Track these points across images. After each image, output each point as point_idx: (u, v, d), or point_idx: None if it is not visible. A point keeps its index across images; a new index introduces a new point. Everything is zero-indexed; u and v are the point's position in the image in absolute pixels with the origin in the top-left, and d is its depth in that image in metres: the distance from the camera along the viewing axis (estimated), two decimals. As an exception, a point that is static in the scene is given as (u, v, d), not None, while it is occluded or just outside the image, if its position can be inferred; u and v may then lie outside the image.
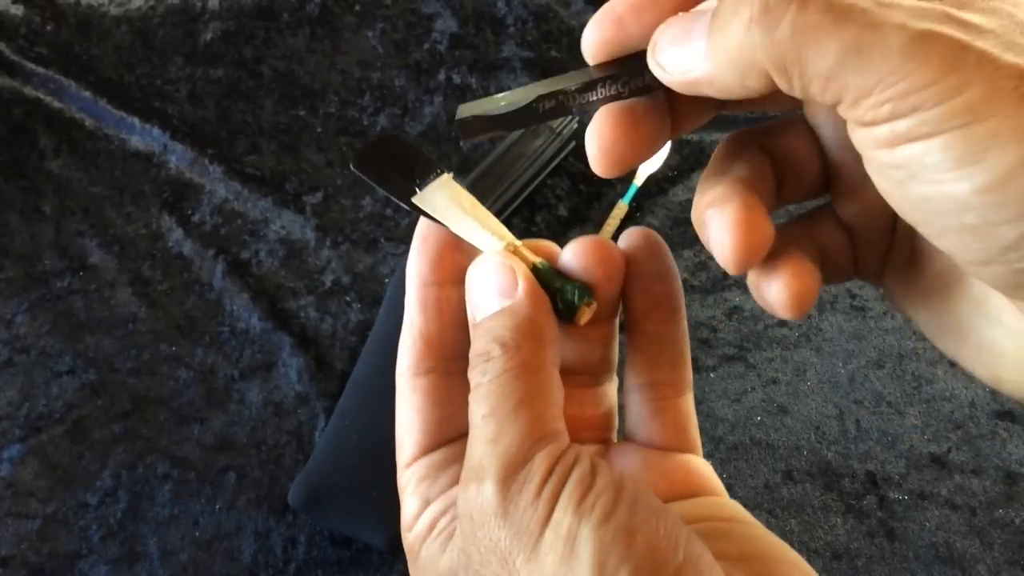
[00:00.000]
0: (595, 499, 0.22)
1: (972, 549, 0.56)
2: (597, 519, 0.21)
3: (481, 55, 0.78)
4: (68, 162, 0.73)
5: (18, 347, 0.64)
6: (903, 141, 0.21)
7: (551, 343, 0.26)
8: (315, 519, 0.57)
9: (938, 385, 0.62)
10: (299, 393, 0.62)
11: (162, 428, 0.61)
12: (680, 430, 0.29)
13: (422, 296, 0.28)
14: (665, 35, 0.24)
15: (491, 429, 0.23)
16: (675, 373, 0.29)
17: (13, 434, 0.61)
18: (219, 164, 0.72)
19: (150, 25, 0.80)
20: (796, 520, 0.58)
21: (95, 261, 0.68)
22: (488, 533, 0.22)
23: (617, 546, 0.21)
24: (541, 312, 0.26)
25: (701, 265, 0.68)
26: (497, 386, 0.24)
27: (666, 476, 0.28)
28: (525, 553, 0.22)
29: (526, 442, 0.23)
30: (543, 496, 0.22)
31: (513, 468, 0.22)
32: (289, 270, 0.68)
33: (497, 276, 0.26)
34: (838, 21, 0.20)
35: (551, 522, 0.21)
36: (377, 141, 0.31)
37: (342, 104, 0.76)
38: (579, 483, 0.22)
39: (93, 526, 0.57)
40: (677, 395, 0.29)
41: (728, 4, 0.21)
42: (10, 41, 0.78)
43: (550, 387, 0.25)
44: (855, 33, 0.20)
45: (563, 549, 0.21)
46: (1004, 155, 0.19)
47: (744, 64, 0.22)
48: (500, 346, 0.25)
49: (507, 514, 0.22)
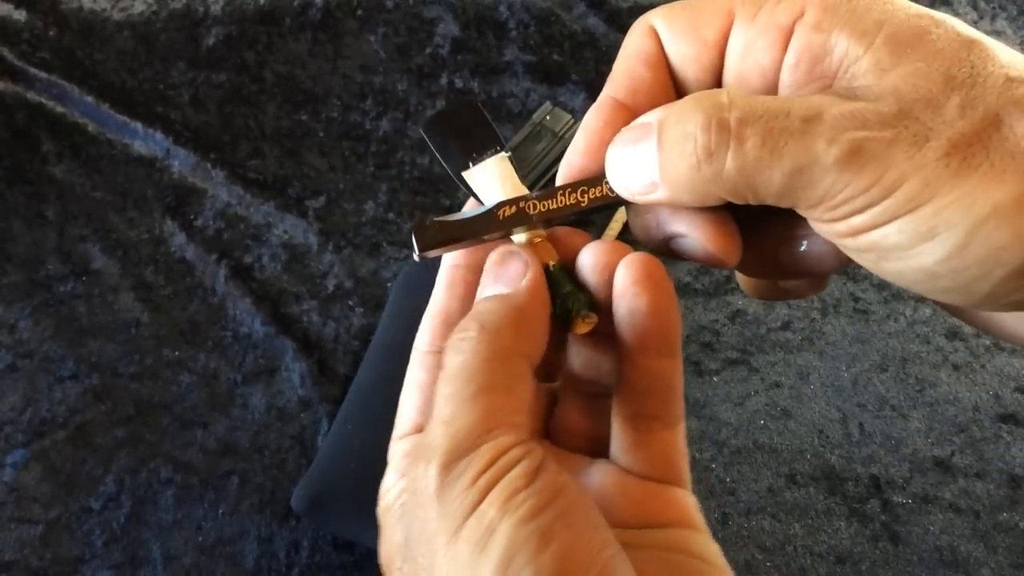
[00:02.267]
0: (525, 498, 0.22)
1: (976, 553, 0.56)
2: (519, 517, 0.21)
3: (483, 59, 0.78)
4: (71, 167, 0.73)
5: (21, 352, 0.64)
6: (862, 232, 0.23)
7: (532, 339, 0.26)
8: (318, 524, 0.57)
9: (941, 388, 0.62)
10: (302, 398, 0.62)
11: (165, 433, 0.61)
12: (664, 463, 0.28)
13: (448, 276, 0.30)
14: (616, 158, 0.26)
15: (448, 411, 0.24)
16: (663, 408, 0.28)
17: (16, 439, 0.61)
18: (221, 169, 0.72)
19: (152, 30, 0.80)
20: (799, 524, 0.57)
21: (98, 266, 0.68)
22: (423, 513, 0.23)
23: (528, 547, 0.21)
24: (534, 308, 0.26)
25: (704, 268, 0.68)
26: (463, 368, 0.24)
27: (637, 502, 0.28)
28: (446, 537, 0.22)
29: (476, 429, 0.23)
30: (476, 485, 0.22)
31: (457, 453, 0.23)
32: (292, 275, 0.68)
33: (508, 265, 0.27)
34: (773, 153, 0.22)
35: (476, 512, 0.22)
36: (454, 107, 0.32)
37: (344, 108, 0.76)
38: (515, 479, 0.22)
39: (96, 531, 0.57)
40: (664, 428, 0.28)
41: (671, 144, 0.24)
42: (13, 46, 0.78)
43: (517, 380, 0.25)
44: (792, 159, 0.22)
45: (479, 539, 0.21)
46: (955, 226, 0.21)
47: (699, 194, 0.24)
48: (478, 327, 0.25)
49: (440, 497, 0.22)
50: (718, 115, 0.23)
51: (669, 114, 0.24)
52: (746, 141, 0.22)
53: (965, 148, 0.21)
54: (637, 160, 0.25)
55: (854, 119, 0.22)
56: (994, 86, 0.22)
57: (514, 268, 0.27)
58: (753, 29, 0.25)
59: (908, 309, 0.65)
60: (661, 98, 0.27)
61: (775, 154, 0.22)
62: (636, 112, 0.27)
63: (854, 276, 0.67)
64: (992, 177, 0.21)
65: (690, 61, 0.26)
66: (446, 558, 0.22)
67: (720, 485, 0.59)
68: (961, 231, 0.21)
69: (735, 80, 0.26)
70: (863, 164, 0.22)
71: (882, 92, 0.22)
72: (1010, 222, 0.21)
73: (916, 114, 0.22)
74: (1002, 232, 0.21)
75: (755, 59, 0.25)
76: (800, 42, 0.24)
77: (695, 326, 0.65)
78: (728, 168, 0.23)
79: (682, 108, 0.24)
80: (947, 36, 0.23)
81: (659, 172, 0.24)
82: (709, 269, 0.68)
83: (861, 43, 0.23)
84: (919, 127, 0.22)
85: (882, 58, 0.22)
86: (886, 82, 0.22)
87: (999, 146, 0.21)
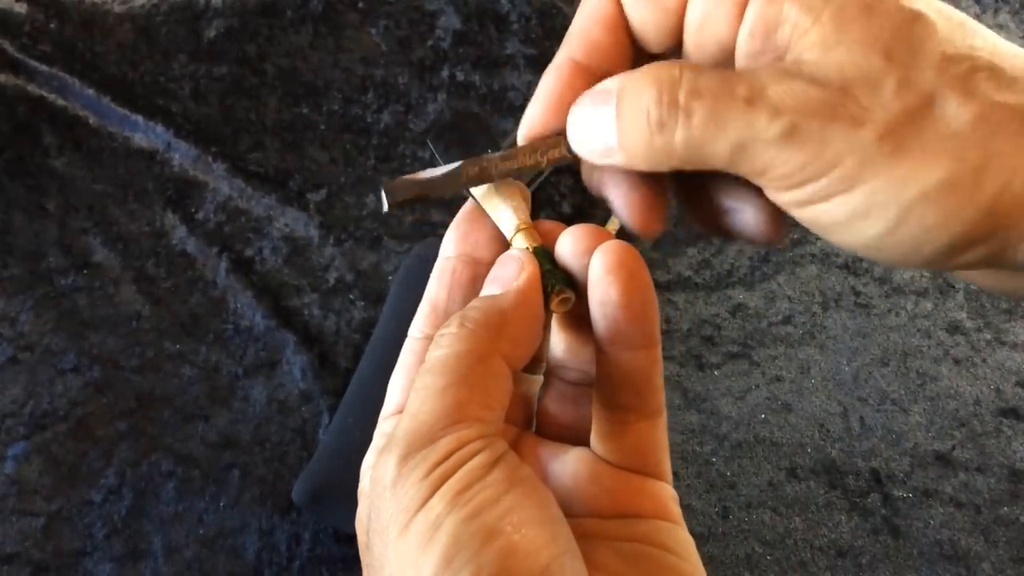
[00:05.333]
0: (475, 493, 0.22)
1: (976, 547, 0.56)
2: (466, 513, 0.21)
3: (484, 52, 0.78)
4: (72, 160, 0.73)
5: (22, 345, 0.64)
6: (805, 204, 0.24)
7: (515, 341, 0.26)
8: (319, 516, 0.57)
9: (942, 383, 0.62)
10: (303, 391, 0.62)
11: (166, 426, 0.61)
12: (640, 454, 0.28)
13: (442, 266, 0.31)
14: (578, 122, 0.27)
15: (416, 403, 0.24)
16: (639, 400, 0.28)
17: (17, 432, 0.61)
18: (223, 162, 0.72)
19: (153, 23, 0.80)
20: (800, 518, 0.57)
21: (99, 259, 0.68)
22: (381, 503, 0.23)
23: (471, 544, 0.21)
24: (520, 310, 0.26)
25: (705, 262, 0.68)
26: (438, 363, 0.25)
27: (610, 491, 0.28)
28: (397, 529, 0.22)
29: (439, 423, 0.23)
30: (430, 478, 0.22)
31: (416, 445, 0.23)
32: (293, 268, 0.68)
33: (505, 267, 0.28)
34: (719, 126, 0.23)
35: (427, 505, 0.22)
36: None
37: (345, 101, 0.76)
38: (469, 473, 0.22)
39: (97, 523, 0.58)
40: (640, 420, 0.28)
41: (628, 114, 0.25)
42: (14, 39, 0.78)
43: (492, 378, 0.25)
44: (734, 134, 0.23)
45: (425, 534, 0.21)
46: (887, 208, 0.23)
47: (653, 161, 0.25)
48: (459, 323, 0.25)
49: (395, 488, 0.22)
50: (669, 90, 0.24)
51: (627, 84, 0.25)
52: (693, 115, 0.23)
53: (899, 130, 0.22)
54: (597, 125, 0.26)
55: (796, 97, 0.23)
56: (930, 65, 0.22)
57: (509, 270, 0.27)
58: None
59: (909, 303, 0.65)
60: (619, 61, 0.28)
61: (720, 128, 0.23)
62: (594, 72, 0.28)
63: (855, 270, 0.67)
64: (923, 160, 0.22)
65: (650, 25, 0.27)
66: (395, 551, 0.22)
67: (721, 479, 0.59)
68: (893, 212, 0.23)
69: (693, 47, 0.26)
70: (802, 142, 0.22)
71: (826, 69, 0.23)
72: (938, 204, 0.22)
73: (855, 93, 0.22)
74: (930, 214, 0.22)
75: (713, 28, 0.25)
76: (754, 12, 0.24)
77: (696, 320, 0.65)
78: (677, 140, 0.24)
79: (639, 80, 0.25)
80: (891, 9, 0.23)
81: (616, 139, 0.25)
82: (710, 263, 0.68)
83: (809, 16, 0.23)
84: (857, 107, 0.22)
85: (828, 33, 0.23)
86: (830, 59, 0.23)
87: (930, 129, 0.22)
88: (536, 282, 0.27)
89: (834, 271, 0.67)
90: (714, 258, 0.68)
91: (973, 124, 0.22)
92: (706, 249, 0.68)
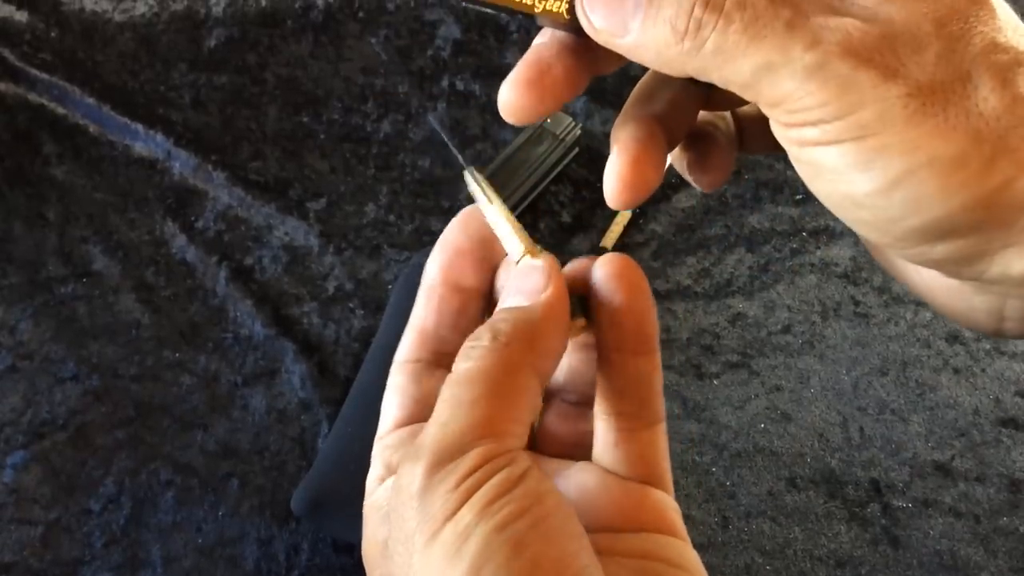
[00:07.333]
0: (503, 505, 0.22)
1: (976, 557, 0.56)
2: (495, 524, 0.21)
3: (484, 62, 0.78)
4: (72, 168, 0.73)
5: (21, 353, 0.64)
6: (809, 144, 0.24)
7: (545, 354, 0.26)
8: (318, 526, 0.57)
9: (942, 392, 0.62)
10: (302, 400, 0.62)
11: (165, 435, 0.61)
12: (644, 463, 0.28)
13: (427, 296, 0.30)
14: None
15: (445, 414, 0.24)
16: (642, 406, 0.28)
17: (16, 440, 0.61)
18: (223, 170, 0.72)
19: (154, 32, 0.81)
20: (799, 528, 0.57)
21: (98, 267, 0.68)
22: (405, 512, 0.23)
23: (500, 555, 0.21)
24: (550, 324, 0.26)
25: (704, 272, 0.68)
26: (468, 376, 0.24)
27: (618, 504, 0.28)
28: (424, 539, 0.22)
29: (468, 435, 0.23)
30: (459, 490, 0.22)
31: (446, 456, 0.23)
32: (292, 276, 0.68)
33: (530, 278, 0.27)
34: (752, 41, 0.22)
35: (456, 516, 0.22)
36: None
37: (345, 111, 0.76)
38: (497, 486, 0.22)
39: (96, 533, 0.57)
40: (644, 428, 0.28)
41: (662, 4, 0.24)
42: (14, 47, 0.78)
43: (520, 392, 0.25)
44: (766, 54, 0.22)
45: (453, 544, 0.21)
46: (890, 166, 0.22)
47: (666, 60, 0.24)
48: (491, 336, 0.25)
49: (423, 498, 0.22)
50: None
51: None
52: (732, 24, 0.23)
53: (927, 94, 0.22)
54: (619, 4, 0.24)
55: (837, 33, 0.22)
56: (977, 46, 0.22)
57: (535, 281, 0.27)
58: None
59: (909, 313, 0.66)
60: None
61: (753, 44, 0.22)
62: None
63: (855, 280, 0.67)
64: (942, 130, 0.22)
65: None
66: (422, 560, 0.22)
67: (720, 488, 0.59)
68: (894, 171, 0.22)
69: None
70: (829, 79, 0.22)
71: (875, 15, 0.23)
72: (941, 176, 0.22)
73: (897, 48, 0.22)
74: (930, 183, 0.22)
75: None
76: None
77: (695, 329, 0.65)
78: (707, 46, 0.23)
79: None
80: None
81: (639, 24, 0.24)
82: (710, 272, 0.68)
83: None
84: (893, 60, 0.22)
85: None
86: (884, 7, 0.23)
87: (958, 102, 0.22)
88: (564, 295, 0.27)
89: (833, 280, 0.67)
90: (713, 267, 0.68)
91: (999, 113, 0.22)
92: (705, 258, 0.68)
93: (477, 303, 0.31)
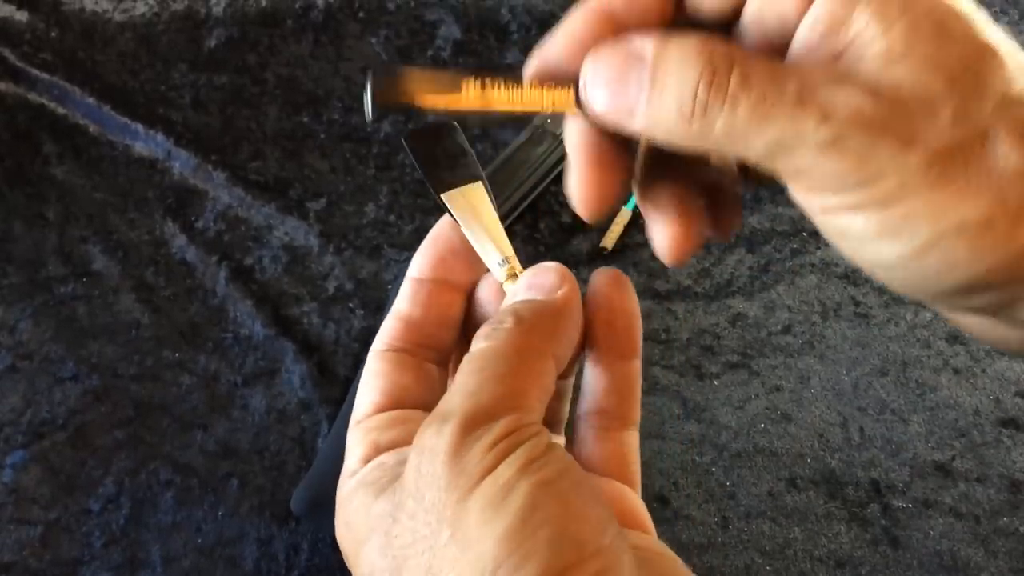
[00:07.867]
0: (543, 465, 0.22)
1: (976, 557, 0.56)
2: (538, 479, 0.22)
3: (484, 62, 0.78)
4: (72, 168, 0.73)
5: (21, 353, 0.64)
6: (833, 212, 0.23)
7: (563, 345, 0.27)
8: (318, 526, 0.57)
9: (942, 393, 0.62)
10: (302, 400, 0.62)
11: (165, 434, 0.61)
12: (621, 462, 0.30)
13: (414, 288, 0.31)
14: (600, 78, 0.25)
15: (473, 383, 0.24)
16: (622, 406, 0.30)
17: (16, 440, 0.61)
18: (223, 170, 0.72)
19: (154, 32, 0.80)
20: (799, 528, 0.57)
21: (98, 267, 0.68)
22: (432, 469, 0.22)
23: (548, 505, 0.21)
24: (568, 315, 0.27)
25: (705, 272, 0.68)
26: (493, 352, 0.25)
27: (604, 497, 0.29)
28: (459, 493, 0.22)
29: (499, 404, 0.23)
30: (494, 451, 0.22)
31: (478, 420, 0.23)
32: (292, 276, 0.68)
33: (545, 276, 0.28)
34: (763, 121, 0.22)
35: (494, 472, 0.22)
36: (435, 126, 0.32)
37: (346, 110, 0.76)
38: (531, 449, 0.23)
39: (95, 533, 0.57)
40: (622, 428, 0.30)
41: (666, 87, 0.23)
42: (15, 47, 0.78)
43: (542, 374, 0.25)
44: (778, 132, 0.22)
45: (495, 495, 0.21)
46: (918, 233, 0.22)
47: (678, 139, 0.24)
48: (515, 320, 0.26)
49: (456, 455, 0.22)
50: (721, 73, 0.23)
51: (668, 53, 0.24)
52: (739, 106, 0.22)
53: (947, 159, 0.22)
54: (624, 87, 0.24)
55: (847, 105, 0.22)
56: (991, 101, 0.22)
57: (550, 280, 0.28)
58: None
59: (909, 313, 0.65)
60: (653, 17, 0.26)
61: (763, 123, 0.22)
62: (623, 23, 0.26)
63: (855, 280, 0.67)
64: (966, 193, 0.22)
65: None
66: (455, 515, 0.22)
67: (720, 489, 0.59)
68: (923, 238, 0.22)
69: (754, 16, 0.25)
70: (846, 151, 0.22)
71: (885, 81, 0.22)
72: (970, 240, 0.22)
73: (910, 113, 0.22)
74: (961, 247, 0.22)
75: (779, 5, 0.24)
76: (824, 7, 0.23)
77: (695, 329, 0.65)
78: (717, 127, 0.23)
79: (686, 53, 0.23)
80: (965, 37, 0.22)
81: (645, 108, 0.24)
82: (710, 272, 0.68)
83: (880, 24, 0.22)
84: (909, 127, 0.22)
85: (895, 46, 0.22)
86: (891, 72, 0.22)
87: (978, 163, 0.22)
88: (578, 294, 0.28)
89: (834, 281, 0.67)
90: (714, 268, 0.68)
91: (1020, 170, 0.22)
92: (706, 259, 0.68)
93: (462, 302, 0.31)
